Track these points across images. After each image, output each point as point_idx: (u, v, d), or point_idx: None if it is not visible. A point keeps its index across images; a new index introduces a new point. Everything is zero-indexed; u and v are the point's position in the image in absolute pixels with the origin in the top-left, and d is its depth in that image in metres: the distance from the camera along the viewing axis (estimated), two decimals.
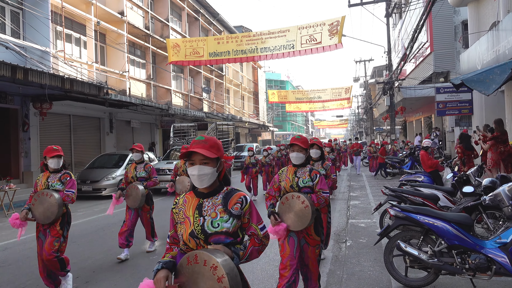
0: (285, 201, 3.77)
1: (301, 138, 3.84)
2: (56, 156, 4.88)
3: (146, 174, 6.39)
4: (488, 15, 13.29)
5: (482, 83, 6.33)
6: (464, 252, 4.11)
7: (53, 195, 4.65)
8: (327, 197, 3.81)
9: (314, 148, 5.26)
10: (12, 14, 13.49)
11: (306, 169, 3.83)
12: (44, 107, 13.40)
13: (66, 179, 4.88)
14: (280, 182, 3.88)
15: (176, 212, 2.25)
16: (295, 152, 3.77)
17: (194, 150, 2.12)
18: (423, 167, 8.77)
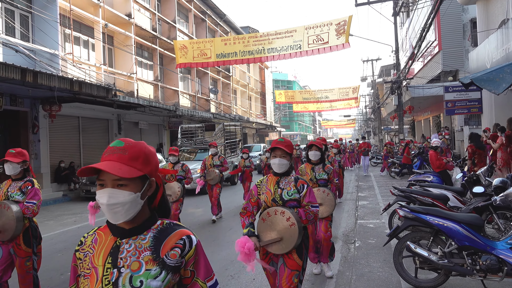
0: (266, 217, 3.07)
1: (285, 141, 3.21)
2: (8, 161, 4.09)
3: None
4: (497, 13, 13.15)
5: (492, 82, 6.26)
6: (474, 253, 4.07)
7: (10, 208, 3.94)
8: (317, 212, 3.13)
9: (312, 150, 4.99)
10: (22, 17, 13.63)
11: (291, 179, 3.17)
12: (53, 109, 13.51)
13: (27, 188, 4.12)
14: (259, 195, 3.19)
15: (79, 257, 1.51)
16: (277, 158, 3.11)
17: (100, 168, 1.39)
18: (432, 167, 8.71)
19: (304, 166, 5.07)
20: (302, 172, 5.01)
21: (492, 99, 12.90)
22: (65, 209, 11.82)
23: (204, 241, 7.24)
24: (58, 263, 5.98)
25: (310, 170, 4.98)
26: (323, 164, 5.07)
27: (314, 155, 4.99)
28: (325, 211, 4.79)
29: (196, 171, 13.85)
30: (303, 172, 5.00)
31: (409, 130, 35.12)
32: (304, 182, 3.17)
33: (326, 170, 5.01)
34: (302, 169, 5.05)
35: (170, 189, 6.95)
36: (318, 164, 5.03)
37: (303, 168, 5.04)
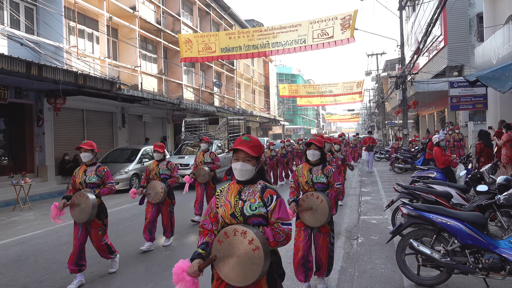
0: (223, 239, 2.40)
1: (250, 140, 2.56)
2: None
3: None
4: (504, 8, 13.03)
5: (497, 80, 6.23)
6: (477, 252, 4.08)
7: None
8: (289, 231, 2.47)
9: (311, 149, 4.44)
10: (26, 10, 13.65)
11: (257, 188, 2.55)
12: (58, 102, 13.57)
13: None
14: (217, 208, 2.57)
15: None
16: (239, 161, 2.51)
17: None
18: (436, 163, 8.69)
19: (302, 166, 4.59)
20: (299, 173, 4.55)
21: (498, 95, 12.81)
22: None
23: None
24: (63, 256, 6.04)
25: (307, 171, 4.48)
26: (323, 165, 4.48)
27: (313, 154, 4.43)
28: (316, 221, 4.28)
29: None
30: (300, 173, 4.54)
31: (413, 125, 35.01)
32: (273, 192, 2.52)
33: (325, 173, 4.41)
34: (298, 170, 4.58)
35: (153, 189, 6.33)
36: (317, 165, 4.48)
37: (300, 169, 4.57)
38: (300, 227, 4.43)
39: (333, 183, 4.45)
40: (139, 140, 20.36)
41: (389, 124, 42.04)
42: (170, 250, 6.38)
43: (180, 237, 7.14)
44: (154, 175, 6.48)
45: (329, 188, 4.46)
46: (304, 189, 4.50)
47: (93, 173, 5.13)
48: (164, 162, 6.59)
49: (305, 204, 4.32)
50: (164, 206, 6.52)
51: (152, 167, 6.58)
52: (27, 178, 11.28)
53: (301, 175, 4.52)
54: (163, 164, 6.55)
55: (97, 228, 5.09)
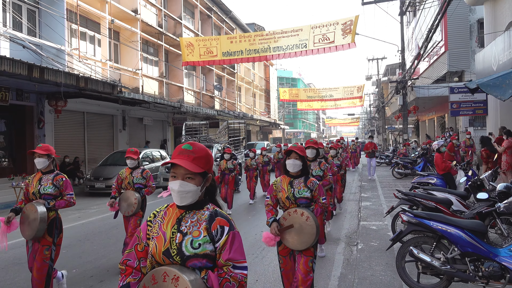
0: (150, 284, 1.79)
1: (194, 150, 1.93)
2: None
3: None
4: (504, 15, 13.07)
5: (498, 88, 6.26)
6: (477, 260, 4.09)
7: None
8: (243, 278, 1.85)
9: (291, 158, 3.73)
10: (29, 12, 13.69)
11: (203, 215, 1.91)
12: (59, 105, 13.59)
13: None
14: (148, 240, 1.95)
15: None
16: (178, 181, 1.88)
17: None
18: (437, 169, 8.71)
19: (280, 179, 3.85)
20: (277, 188, 3.81)
21: (498, 101, 12.84)
22: None
23: None
24: (63, 260, 6.03)
25: (287, 185, 3.77)
26: (306, 178, 3.81)
27: (293, 165, 3.71)
28: (302, 242, 3.59)
29: None
30: (278, 187, 3.80)
31: (413, 130, 35.05)
32: (225, 222, 1.91)
33: (309, 186, 3.75)
34: (277, 184, 3.83)
35: (125, 200, 5.61)
36: (299, 177, 3.79)
37: (278, 182, 3.82)
38: (285, 255, 3.77)
39: (318, 197, 3.77)
40: (140, 143, 20.38)
41: (389, 128, 42.08)
42: None
43: None
44: (127, 184, 5.75)
45: (314, 204, 3.82)
46: (284, 206, 3.81)
47: (49, 182, 4.33)
48: (138, 169, 5.81)
49: (287, 223, 3.67)
50: (134, 218, 5.69)
51: (124, 175, 5.81)
52: (27, 180, 11.28)
53: (280, 189, 3.80)
54: (138, 172, 5.78)
55: (45, 246, 4.25)
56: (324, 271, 5.35)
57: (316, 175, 5.29)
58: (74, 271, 5.59)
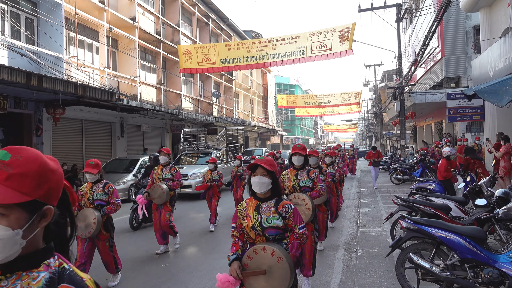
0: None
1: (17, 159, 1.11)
2: None
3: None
4: (500, 21, 13.20)
5: (495, 94, 6.30)
6: (477, 266, 4.09)
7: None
8: None
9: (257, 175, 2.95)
10: (27, 21, 13.73)
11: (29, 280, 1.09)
12: (57, 112, 13.58)
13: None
14: None
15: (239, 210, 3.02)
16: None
17: None
18: (438, 175, 8.71)
19: (246, 203, 3.03)
20: (242, 214, 2.98)
21: (495, 106, 12.92)
22: None
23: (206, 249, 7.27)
24: None
25: (253, 210, 2.94)
26: (278, 200, 2.96)
27: (259, 183, 2.89)
28: None
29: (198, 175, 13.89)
30: (243, 214, 2.98)
31: (411, 135, 35.14)
32: None
33: (280, 212, 2.89)
34: (241, 209, 3.01)
35: (83, 220, 4.94)
36: (268, 200, 2.94)
37: (243, 207, 3.00)
38: None
39: (293, 226, 2.91)
40: (138, 150, 20.36)
41: (387, 134, 42.19)
42: (168, 263, 6.35)
43: (180, 249, 7.10)
44: (87, 201, 5.10)
45: (289, 235, 2.96)
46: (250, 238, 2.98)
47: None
48: (100, 184, 5.16)
49: (252, 264, 2.83)
50: (100, 242, 5.12)
51: (84, 191, 5.17)
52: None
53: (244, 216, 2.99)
54: (99, 186, 5.14)
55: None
56: (324, 278, 5.34)
57: (303, 185, 4.80)
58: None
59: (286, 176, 4.92)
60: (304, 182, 4.79)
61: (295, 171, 4.88)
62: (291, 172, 4.93)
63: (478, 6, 14.30)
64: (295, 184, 4.81)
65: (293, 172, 4.89)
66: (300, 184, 4.80)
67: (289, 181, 4.85)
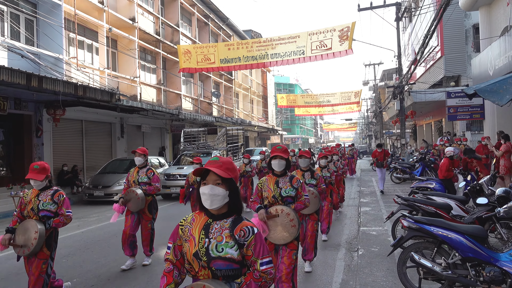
0: None
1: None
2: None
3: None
4: (499, 20, 13.21)
5: (495, 93, 6.31)
6: (478, 265, 4.10)
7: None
8: None
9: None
10: (27, 22, 13.73)
11: None
12: (57, 113, 13.60)
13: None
14: None
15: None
16: None
17: None
18: (439, 174, 8.71)
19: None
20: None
21: (494, 105, 12.93)
22: None
23: None
24: (63, 269, 6.02)
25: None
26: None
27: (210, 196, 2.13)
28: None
29: None
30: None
31: (411, 134, 35.15)
32: None
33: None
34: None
35: (23, 233, 4.09)
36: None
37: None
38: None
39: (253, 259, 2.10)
40: None
41: (386, 133, 42.20)
42: None
43: None
44: (30, 211, 4.20)
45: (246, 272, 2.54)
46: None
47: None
48: (48, 191, 4.28)
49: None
50: (36, 262, 4.13)
51: (28, 199, 4.27)
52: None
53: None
54: (47, 194, 4.26)
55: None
56: (326, 278, 5.35)
57: (286, 195, 4.01)
58: (75, 280, 5.57)
59: (264, 184, 4.14)
60: (287, 191, 4.01)
61: (276, 177, 4.10)
62: (270, 179, 4.14)
63: (477, 5, 14.30)
64: (275, 193, 4.03)
65: (273, 179, 4.11)
66: (282, 194, 4.00)
67: (268, 190, 4.08)
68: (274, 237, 3.90)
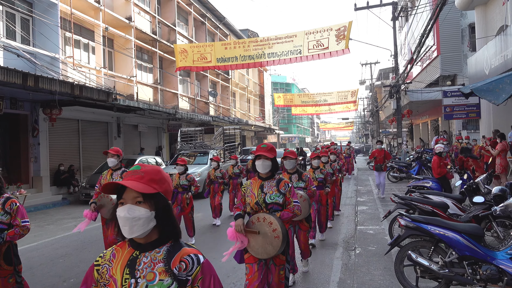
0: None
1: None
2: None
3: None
4: (495, 19, 13.27)
5: (491, 92, 6.35)
6: (475, 263, 4.13)
7: None
8: None
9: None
10: (22, 21, 13.66)
11: None
12: (53, 113, 13.53)
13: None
14: None
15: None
16: None
17: None
18: (433, 172, 8.76)
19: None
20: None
21: (490, 104, 13.00)
22: (65, 213, 11.84)
23: (205, 247, 7.28)
24: (60, 269, 6.01)
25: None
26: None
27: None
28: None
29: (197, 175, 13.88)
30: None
31: (407, 133, 35.27)
32: None
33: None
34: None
35: None
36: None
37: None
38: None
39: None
40: (134, 150, 20.31)
41: (383, 132, 42.30)
42: None
43: None
44: None
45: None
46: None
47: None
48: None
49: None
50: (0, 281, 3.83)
51: None
52: (22, 189, 11.22)
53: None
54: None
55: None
56: (323, 277, 5.36)
57: (271, 202, 3.52)
58: (72, 280, 5.56)
59: (247, 188, 3.63)
60: (272, 197, 3.50)
61: (261, 181, 3.61)
62: (255, 182, 3.64)
63: (473, 4, 14.36)
64: (259, 199, 3.52)
65: (258, 183, 3.61)
66: (267, 200, 3.50)
67: (251, 195, 3.56)
68: (256, 250, 3.40)
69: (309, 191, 5.03)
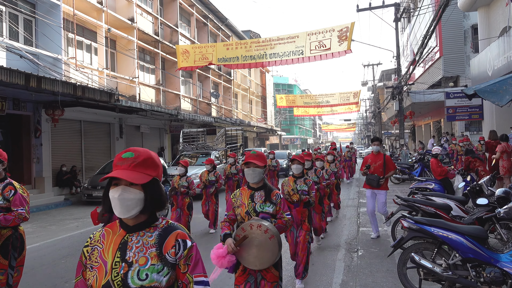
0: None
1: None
2: None
3: None
4: (498, 20, 13.23)
5: (495, 94, 6.33)
6: (478, 265, 4.09)
7: None
8: None
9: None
10: (25, 22, 13.70)
11: None
12: (56, 114, 13.56)
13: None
14: None
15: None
16: None
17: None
18: (434, 174, 8.73)
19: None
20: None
21: (493, 105, 12.96)
22: (67, 213, 11.85)
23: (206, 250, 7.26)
24: (62, 270, 6.00)
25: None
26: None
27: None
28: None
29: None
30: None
31: (409, 135, 35.20)
32: None
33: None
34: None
35: None
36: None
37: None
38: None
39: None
40: None
41: (385, 134, 42.23)
42: None
43: None
44: None
45: None
46: None
47: None
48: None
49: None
50: None
51: None
52: None
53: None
54: None
55: None
56: (326, 278, 5.34)
57: (261, 211, 3.24)
58: (73, 281, 5.54)
59: (237, 197, 3.35)
60: (263, 206, 3.24)
61: (251, 191, 3.33)
62: (244, 192, 3.35)
63: (476, 6, 14.33)
64: (249, 209, 3.24)
65: (248, 193, 3.33)
66: (257, 209, 3.23)
67: (242, 205, 3.28)
68: (248, 260, 3.06)
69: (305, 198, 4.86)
